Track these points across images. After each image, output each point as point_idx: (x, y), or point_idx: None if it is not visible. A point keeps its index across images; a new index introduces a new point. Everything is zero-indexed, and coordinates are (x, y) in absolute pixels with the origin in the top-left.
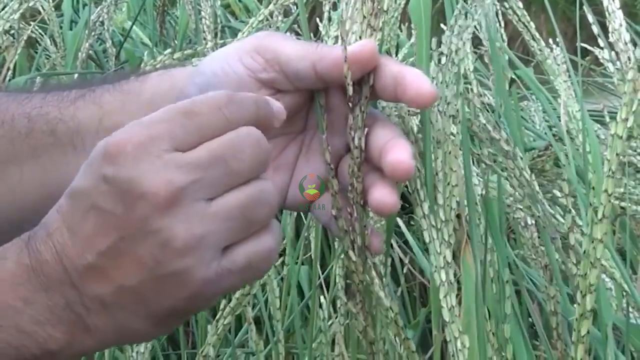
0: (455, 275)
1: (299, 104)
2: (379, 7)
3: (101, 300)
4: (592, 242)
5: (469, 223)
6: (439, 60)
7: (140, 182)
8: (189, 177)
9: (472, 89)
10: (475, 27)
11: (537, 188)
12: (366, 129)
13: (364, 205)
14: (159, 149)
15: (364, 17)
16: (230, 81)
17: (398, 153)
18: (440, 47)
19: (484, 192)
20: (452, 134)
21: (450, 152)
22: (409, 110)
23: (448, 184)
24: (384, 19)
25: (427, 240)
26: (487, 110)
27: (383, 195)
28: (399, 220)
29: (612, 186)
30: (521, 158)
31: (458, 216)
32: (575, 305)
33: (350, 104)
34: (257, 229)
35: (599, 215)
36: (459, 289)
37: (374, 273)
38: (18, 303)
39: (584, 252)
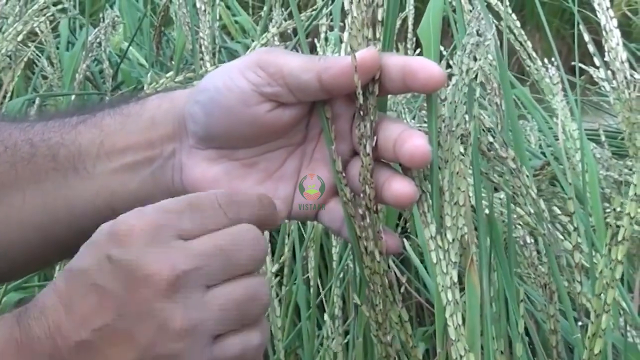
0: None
1: (300, 117)
2: (370, 17)
3: None
4: (610, 262)
5: (478, 244)
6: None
7: (146, 264)
8: (192, 263)
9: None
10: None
11: (543, 206)
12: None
13: (377, 212)
14: (166, 236)
15: (359, 29)
16: (234, 95)
17: (415, 140)
18: (449, 67)
19: (487, 211)
20: (460, 153)
21: (458, 173)
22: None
23: (455, 204)
24: (380, 29)
25: (434, 260)
26: (490, 130)
27: (402, 186)
28: None
29: (634, 209)
30: (527, 176)
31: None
32: (581, 324)
33: (361, 113)
34: (248, 324)
35: (620, 237)
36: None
37: (386, 280)
38: None
39: (600, 272)
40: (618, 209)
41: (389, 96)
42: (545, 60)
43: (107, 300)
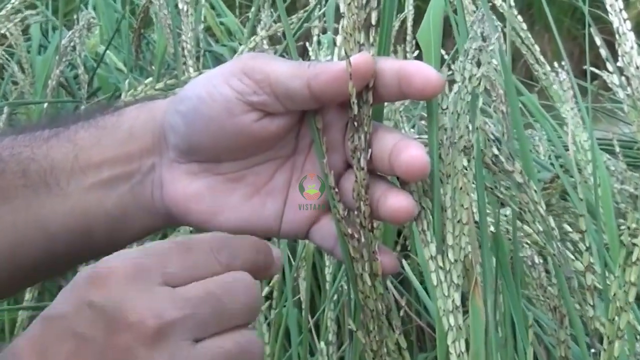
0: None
1: (289, 127)
2: (362, 20)
3: None
4: (624, 285)
5: (482, 265)
6: (450, 88)
7: (129, 310)
8: (180, 312)
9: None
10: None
11: (552, 224)
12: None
13: (372, 230)
14: (152, 281)
15: (350, 33)
16: (217, 104)
17: (411, 150)
18: (451, 73)
19: (492, 228)
20: (464, 167)
21: (460, 188)
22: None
23: (458, 221)
24: (373, 33)
25: (434, 282)
26: (495, 141)
27: (399, 200)
28: None
29: None
30: (535, 191)
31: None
32: (594, 351)
33: (354, 124)
34: None
35: (634, 258)
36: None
37: (383, 304)
38: None
39: (613, 295)
40: (633, 226)
41: (386, 104)
42: (555, 64)
43: (85, 348)
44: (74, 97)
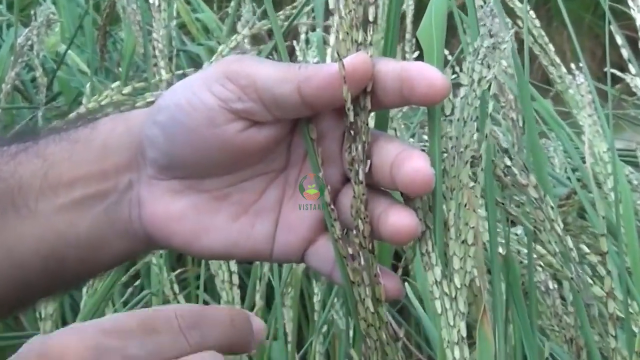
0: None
1: (279, 137)
2: (358, 17)
3: None
4: None
5: (491, 291)
6: (454, 93)
7: None
8: None
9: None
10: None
11: (570, 244)
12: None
13: (372, 251)
14: None
15: (347, 32)
16: (198, 114)
17: (415, 161)
18: (455, 76)
19: (502, 250)
20: (471, 179)
21: (466, 204)
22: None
23: (463, 242)
24: (372, 31)
25: (438, 311)
26: (506, 151)
27: (400, 217)
28: None
29: None
30: (552, 208)
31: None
32: None
33: (351, 132)
34: None
35: None
36: None
37: (387, 333)
38: None
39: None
40: None
41: None
42: (572, 66)
43: None
44: (31, 103)
